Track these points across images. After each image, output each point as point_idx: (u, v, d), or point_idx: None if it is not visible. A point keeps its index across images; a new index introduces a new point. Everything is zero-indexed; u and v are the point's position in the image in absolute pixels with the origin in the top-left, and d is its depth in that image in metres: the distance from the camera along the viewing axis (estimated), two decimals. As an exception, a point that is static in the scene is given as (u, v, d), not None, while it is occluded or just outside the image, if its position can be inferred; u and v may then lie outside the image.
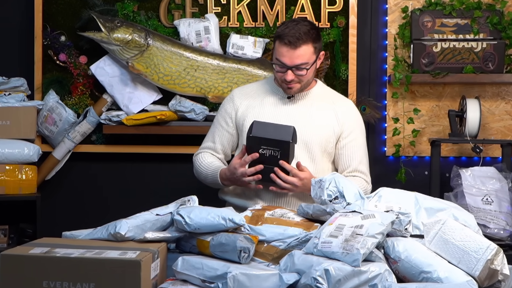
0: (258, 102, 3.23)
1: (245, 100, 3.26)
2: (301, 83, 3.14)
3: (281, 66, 3.10)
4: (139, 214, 2.38)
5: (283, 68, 3.10)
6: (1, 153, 3.88)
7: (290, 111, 3.19)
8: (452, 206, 2.39)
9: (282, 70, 3.11)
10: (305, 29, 3.10)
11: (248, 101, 3.25)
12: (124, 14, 4.15)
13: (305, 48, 3.09)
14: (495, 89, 4.22)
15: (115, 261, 2.02)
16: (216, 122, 3.34)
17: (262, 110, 3.19)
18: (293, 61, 3.08)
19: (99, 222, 2.52)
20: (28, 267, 2.04)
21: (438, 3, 4.15)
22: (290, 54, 3.07)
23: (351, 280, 1.95)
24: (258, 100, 3.25)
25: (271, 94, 3.25)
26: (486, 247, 2.05)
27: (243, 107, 3.25)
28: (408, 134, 4.22)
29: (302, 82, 3.14)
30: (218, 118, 3.34)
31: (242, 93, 3.31)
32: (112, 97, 4.14)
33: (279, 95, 3.24)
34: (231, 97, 3.33)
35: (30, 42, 4.21)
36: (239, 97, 3.30)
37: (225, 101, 3.36)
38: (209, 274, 2.07)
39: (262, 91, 3.29)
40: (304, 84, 3.16)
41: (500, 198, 3.64)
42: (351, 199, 2.40)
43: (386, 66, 4.26)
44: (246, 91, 3.33)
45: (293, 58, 3.08)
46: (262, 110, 3.19)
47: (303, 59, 3.09)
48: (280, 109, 3.19)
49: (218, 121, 3.34)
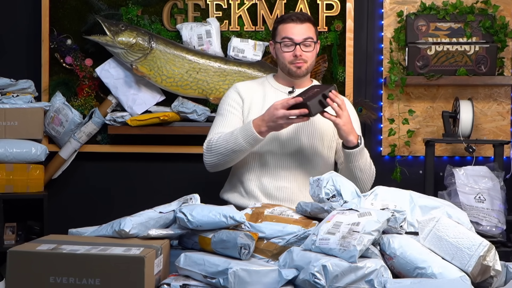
0: (261, 98, 3.21)
1: (249, 95, 3.23)
2: (306, 63, 3.16)
3: (289, 43, 3.12)
4: (143, 212, 2.36)
5: (292, 45, 3.12)
6: (9, 152, 3.91)
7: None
8: (446, 204, 2.39)
9: (290, 48, 3.13)
10: (306, 14, 3.23)
11: (252, 96, 3.22)
12: (128, 18, 4.17)
13: (310, 26, 3.17)
14: (488, 91, 4.24)
15: (119, 257, 2.00)
16: (224, 111, 3.22)
17: (265, 105, 3.12)
18: (301, 36, 3.12)
19: (104, 219, 2.52)
20: (35, 263, 2.02)
21: (432, 7, 4.18)
22: (298, 29, 3.13)
23: (348, 275, 1.94)
24: (261, 96, 3.23)
25: (272, 91, 3.23)
26: (479, 244, 2.05)
27: (248, 100, 3.22)
28: (403, 134, 4.25)
29: (308, 63, 3.16)
30: (224, 108, 3.23)
31: (246, 88, 3.27)
32: (116, 99, 4.16)
33: (280, 90, 3.22)
34: (236, 89, 3.26)
35: (37, 46, 4.22)
36: (244, 90, 3.25)
37: (229, 93, 3.27)
38: (210, 270, 2.05)
39: (264, 87, 3.26)
40: (309, 66, 3.18)
41: (492, 196, 3.67)
42: (348, 197, 2.38)
43: (382, 69, 4.27)
44: (248, 86, 3.29)
45: (300, 33, 3.13)
46: (265, 105, 3.12)
47: (309, 34, 3.14)
48: None
49: (225, 109, 3.22)
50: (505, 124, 4.26)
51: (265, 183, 3.17)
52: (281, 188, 3.16)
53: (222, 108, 3.24)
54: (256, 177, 3.19)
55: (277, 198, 3.15)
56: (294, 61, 3.14)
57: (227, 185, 3.34)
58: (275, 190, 3.16)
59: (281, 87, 3.24)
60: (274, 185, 3.16)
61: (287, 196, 3.16)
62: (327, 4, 4.19)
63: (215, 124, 3.21)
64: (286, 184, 3.16)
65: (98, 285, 2.00)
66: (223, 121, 3.19)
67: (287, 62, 3.16)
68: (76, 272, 2.00)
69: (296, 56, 3.13)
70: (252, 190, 3.18)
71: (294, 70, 3.16)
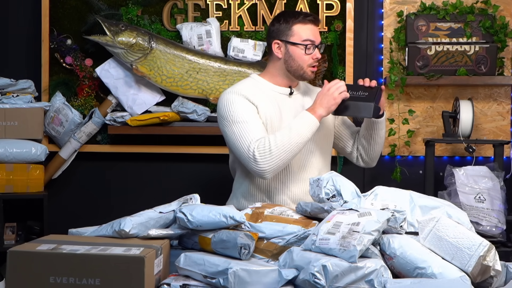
0: (268, 101, 3.04)
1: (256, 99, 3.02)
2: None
3: (312, 46, 3.05)
4: (143, 212, 2.36)
5: (313, 47, 3.05)
6: (9, 152, 3.91)
7: (292, 105, 3.11)
8: (446, 204, 2.40)
9: (310, 50, 3.05)
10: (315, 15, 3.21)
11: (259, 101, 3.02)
12: (128, 18, 4.17)
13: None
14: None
15: (119, 257, 2.01)
16: (245, 117, 2.96)
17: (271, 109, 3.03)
18: (319, 38, 3.09)
19: (104, 219, 2.53)
20: (35, 263, 2.03)
21: (432, 7, 4.17)
22: (315, 31, 3.08)
23: (348, 275, 1.95)
24: (266, 99, 3.05)
25: (271, 93, 3.09)
26: (479, 244, 2.05)
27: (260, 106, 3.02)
28: (403, 134, 4.24)
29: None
30: (243, 114, 2.97)
31: (247, 92, 3.03)
32: (116, 99, 4.16)
33: (279, 92, 3.11)
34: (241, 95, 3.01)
35: (37, 46, 4.23)
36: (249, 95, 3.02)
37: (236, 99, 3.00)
38: (210, 270, 2.06)
39: (261, 90, 3.09)
40: None
41: (492, 196, 3.64)
42: (348, 197, 2.38)
43: (382, 69, 4.26)
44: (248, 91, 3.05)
45: (318, 35, 3.10)
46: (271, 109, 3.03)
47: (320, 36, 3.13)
48: (285, 105, 3.09)
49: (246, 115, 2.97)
50: (505, 124, 4.25)
51: (294, 190, 3.08)
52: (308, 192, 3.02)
53: (238, 115, 2.95)
54: (284, 185, 3.08)
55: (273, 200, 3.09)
56: (313, 64, 3.08)
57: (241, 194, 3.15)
58: (304, 195, 3.05)
59: (279, 89, 3.13)
60: (302, 190, 3.07)
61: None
62: (327, 4, 4.19)
63: (245, 131, 2.92)
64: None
65: (98, 285, 2.01)
66: (254, 126, 2.94)
67: (306, 65, 3.07)
68: (76, 272, 2.01)
69: (316, 58, 3.08)
70: (281, 200, 3.07)
71: (310, 74, 3.10)
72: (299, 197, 3.05)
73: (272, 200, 3.06)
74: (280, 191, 3.07)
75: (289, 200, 3.06)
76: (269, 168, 2.86)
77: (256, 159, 2.86)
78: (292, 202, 3.05)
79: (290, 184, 3.07)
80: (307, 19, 3.06)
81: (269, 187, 3.07)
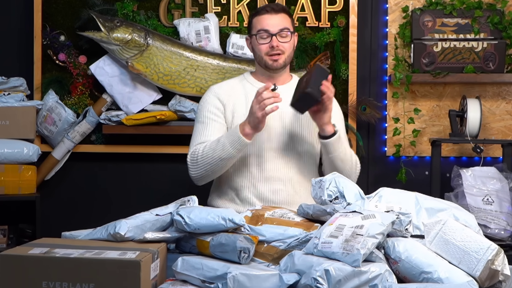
0: (243, 99, 3.18)
1: (230, 98, 3.18)
2: (284, 55, 3.13)
3: (265, 35, 3.11)
4: (139, 214, 2.38)
5: (268, 36, 3.11)
6: (0, 153, 3.90)
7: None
8: (453, 206, 2.39)
9: (266, 40, 3.11)
10: (280, 4, 3.25)
11: (233, 99, 3.18)
12: (123, 13, 4.15)
13: (285, 16, 3.17)
14: (496, 89, 4.23)
15: (114, 262, 2.03)
16: (204, 118, 3.17)
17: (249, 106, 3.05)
18: (276, 26, 3.11)
19: (99, 222, 2.52)
20: (27, 268, 2.04)
21: (438, 2, 4.17)
22: (273, 20, 3.12)
23: (352, 280, 1.95)
24: (243, 96, 3.19)
25: (253, 89, 3.12)
26: (487, 248, 2.05)
27: (230, 105, 3.17)
28: (409, 134, 4.22)
29: (285, 54, 3.13)
30: (204, 115, 3.17)
31: (224, 91, 3.22)
32: (111, 97, 4.14)
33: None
34: (215, 94, 3.21)
35: (29, 42, 4.21)
36: (223, 94, 3.20)
37: (208, 98, 3.21)
38: (209, 275, 2.08)
39: (243, 86, 3.23)
40: (286, 58, 3.15)
41: (500, 198, 3.64)
42: (351, 199, 2.40)
43: (386, 66, 4.26)
44: (227, 88, 3.25)
45: (276, 24, 3.11)
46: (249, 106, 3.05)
47: (285, 24, 3.13)
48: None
49: (205, 116, 3.17)
50: (514, 123, 4.28)
51: (261, 188, 3.13)
52: (277, 191, 3.13)
53: (201, 115, 3.19)
54: (251, 183, 3.14)
55: (274, 202, 3.11)
56: (271, 53, 3.12)
57: (215, 193, 3.27)
58: (271, 194, 3.12)
59: (261, 85, 3.12)
60: (270, 189, 3.13)
61: (283, 199, 3.12)
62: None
63: (196, 133, 3.16)
64: (281, 187, 3.13)
65: (93, 290, 2.04)
66: (204, 129, 3.14)
67: (264, 54, 3.13)
68: (69, 277, 2.03)
69: (272, 47, 3.10)
70: (247, 197, 3.13)
71: (270, 63, 3.14)
72: (265, 196, 3.11)
73: (239, 197, 3.14)
74: (246, 188, 3.14)
75: (255, 198, 3.12)
76: (194, 175, 3.09)
77: (188, 163, 3.10)
78: (258, 200, 3.11)
79: (257, 183, 3.13)
80: (263, 10, 3.16)
81: (237, 185, 3.15)
